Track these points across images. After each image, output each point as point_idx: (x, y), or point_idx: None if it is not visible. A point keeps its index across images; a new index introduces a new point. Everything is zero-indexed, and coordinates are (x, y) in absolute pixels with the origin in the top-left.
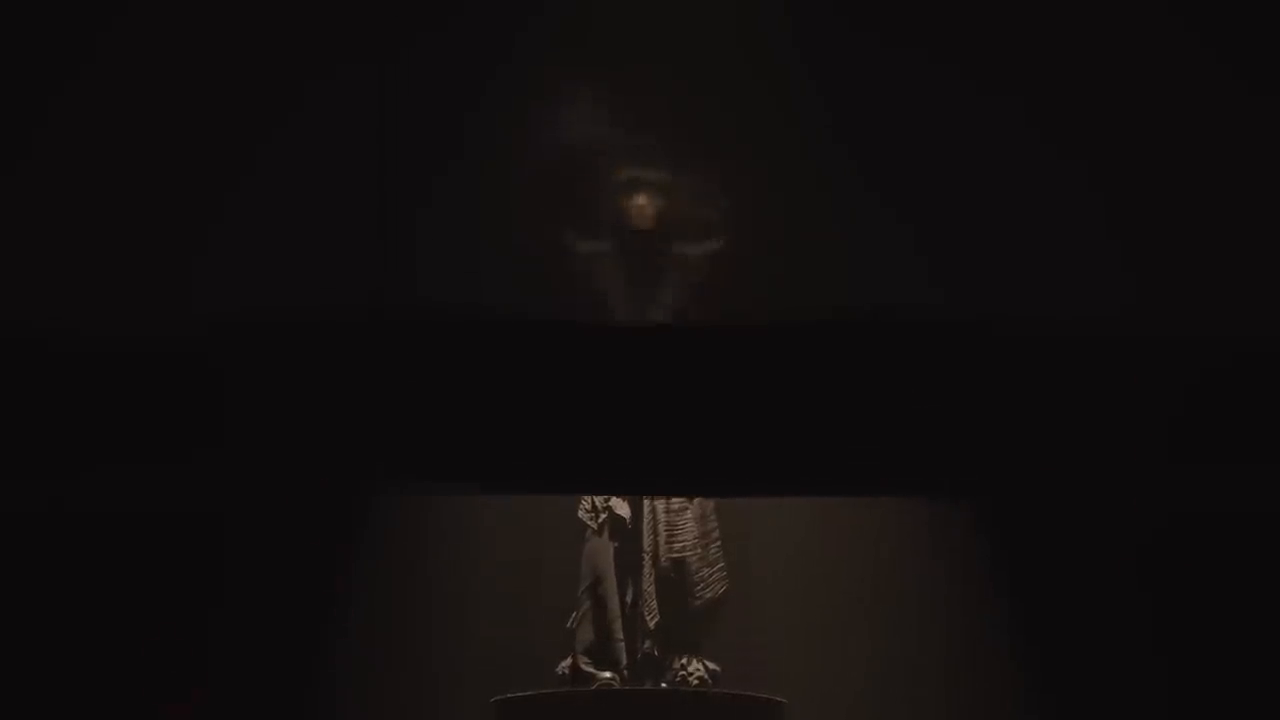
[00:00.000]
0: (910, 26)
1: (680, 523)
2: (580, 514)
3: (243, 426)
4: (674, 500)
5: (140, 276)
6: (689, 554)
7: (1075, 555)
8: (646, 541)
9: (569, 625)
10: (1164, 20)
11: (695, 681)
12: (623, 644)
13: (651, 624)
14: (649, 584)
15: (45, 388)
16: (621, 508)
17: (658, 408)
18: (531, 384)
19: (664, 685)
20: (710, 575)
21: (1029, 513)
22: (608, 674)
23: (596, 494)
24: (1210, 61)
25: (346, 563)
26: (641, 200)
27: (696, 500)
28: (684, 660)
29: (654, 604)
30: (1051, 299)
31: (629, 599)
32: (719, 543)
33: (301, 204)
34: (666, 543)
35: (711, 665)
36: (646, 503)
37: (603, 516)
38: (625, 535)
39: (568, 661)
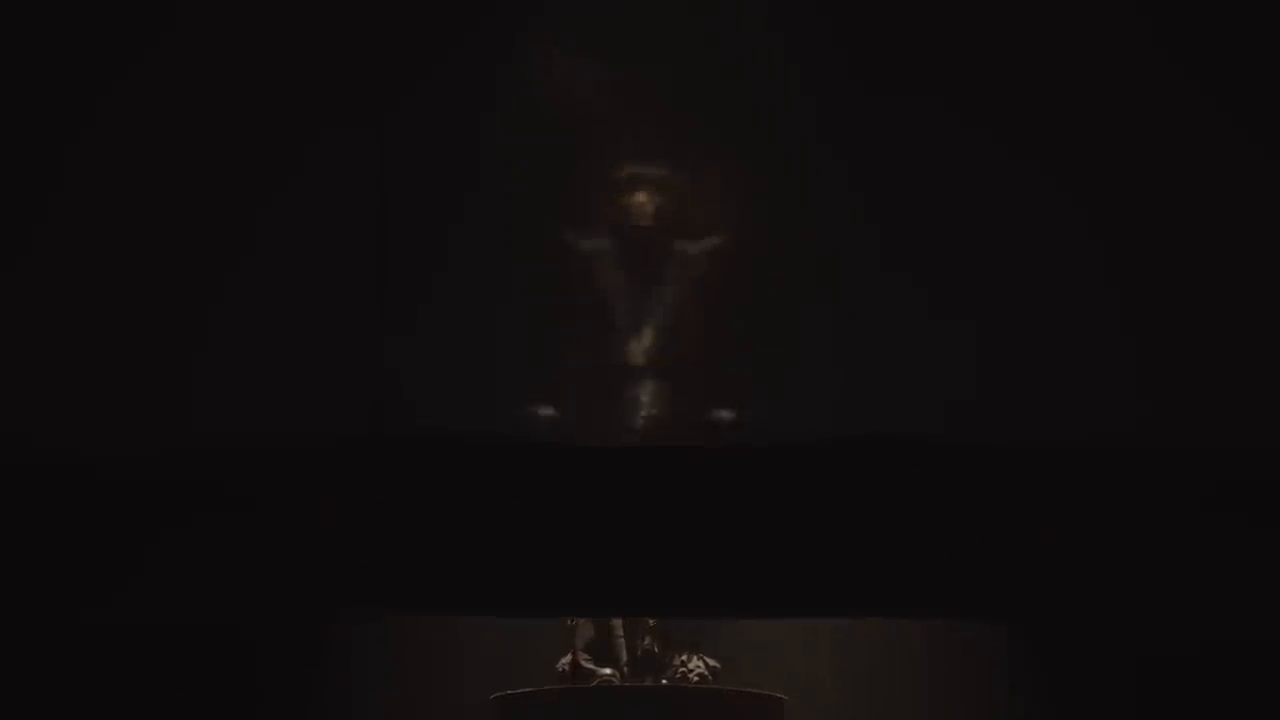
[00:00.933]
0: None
1: None
2: None
3: (229, 544)
4: None
5: (135, 394)
6: None
7: (1091, 671)
8: None
9: (569, 622)
10: (1176, 127)
11: (695, 678)
12: (623, 641)
13: (651, 621)
14: None
15: (31, 510)
16: None
17: (667, 529)
18: (532, 505)
19: (664, 682)
20: None
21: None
22: (608, 671)
23: (602, 616)
24: (1230, 176)
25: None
26: (641, 197)
27: None
28: (684, 657)
29: None
30: (1065, 415)
31: None
32: None
33: (297, 322)
34: None
35: (712, 662)
36: None
37: None
38: None
39: (568, 658)
